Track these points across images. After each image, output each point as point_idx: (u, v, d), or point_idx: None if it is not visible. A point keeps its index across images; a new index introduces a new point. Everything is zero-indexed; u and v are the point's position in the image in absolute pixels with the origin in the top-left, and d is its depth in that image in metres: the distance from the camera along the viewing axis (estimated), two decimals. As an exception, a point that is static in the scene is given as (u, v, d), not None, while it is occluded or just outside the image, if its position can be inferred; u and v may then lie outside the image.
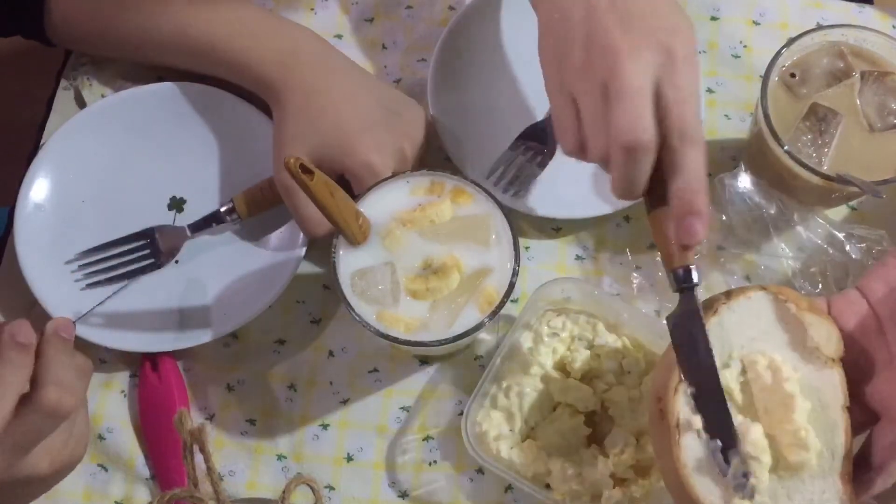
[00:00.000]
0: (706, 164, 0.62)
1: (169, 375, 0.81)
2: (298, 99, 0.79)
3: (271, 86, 0.81)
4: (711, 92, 0.90)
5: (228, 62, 0.82)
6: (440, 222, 0.73)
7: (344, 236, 0.72)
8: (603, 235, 0.86)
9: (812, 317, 0.64)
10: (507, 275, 0.71)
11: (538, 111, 0.87)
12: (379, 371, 0.82)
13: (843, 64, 0.80)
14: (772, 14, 0.93)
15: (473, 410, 0.74)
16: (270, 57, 0.81)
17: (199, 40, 0.83)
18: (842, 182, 0.75)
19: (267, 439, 0.81)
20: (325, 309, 0.84)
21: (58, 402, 0.59)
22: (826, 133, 0.78)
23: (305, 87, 0.80)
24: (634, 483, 0.73)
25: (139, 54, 0.87)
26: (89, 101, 0.89)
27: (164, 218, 0.85)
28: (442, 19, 0.93)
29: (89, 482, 0.80)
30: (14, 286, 0.82)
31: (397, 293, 0.71)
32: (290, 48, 0.82)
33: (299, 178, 0.65)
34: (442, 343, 0.70)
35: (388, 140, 0.79)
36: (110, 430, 0.81)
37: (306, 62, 0.81)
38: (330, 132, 0.78)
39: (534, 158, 0.85)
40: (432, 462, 0.80)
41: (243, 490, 0.80)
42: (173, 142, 0.86)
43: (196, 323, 0.81)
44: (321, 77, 0.81)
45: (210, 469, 0.74)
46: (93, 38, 0.86)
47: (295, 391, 0.82)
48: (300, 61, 0.81)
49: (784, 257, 0.82)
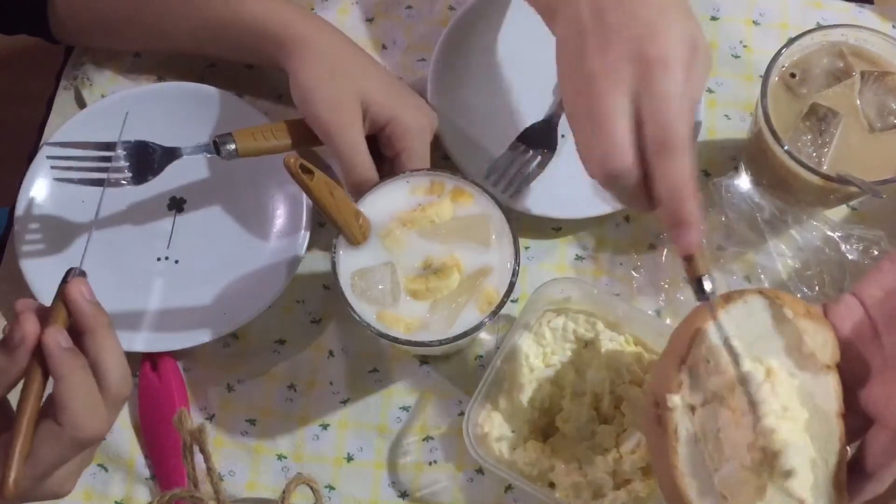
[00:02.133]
0: (692, 169, 0.60)
1: (169, 375, 0.81)
2: (326, 42, 0.78)
3: (291, 37, 0.78)
4: (711, 92, 0.90)
5: (241, 28, 0.80)
6: (440, 222, 0.73)
7: (344, 236, 0.72)
8: (603, 235, 0.86)
9: (808, 322, 0.63)
10: (507, 275, 0.71)
11: (538, 111, 0.87)
12: (379, 371, 0.82)
13: (843, 64, 0.80)
14: (772, 14, 0.93)
15: (475, 412, 0.74)
16: (284, 14, 0.79)
17: (208, 13, 0.81)
18: (841, 182, 0.75)
19: (267, 439, 0.81)
20: (325, 309, 0.84)
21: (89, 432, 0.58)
22: (826, 133, 0.78)
23: (329, 34, 0.79)
24: (640, 482, 0.73)
25: (145, 39, 0.86)
26: (89, 101, 0.89)
27: (164, 218, 0.85)
28: (442, 19, 0.93)
29: (89, 482, 0.80)
30: (14, 286, 0.82)
31: (397, 293, 0.71)
32: (300, 8, 0.81)
33: (299, 177, 0.65)
34: (442, 343, 0.70)
35: (426, 108, 0.80)
36: (110, 431, 0.81)
37: (319, 18, 0.81)
38: (373, 75, 0.77)
39: (534, 158, 0.85)
40: (433, 462, 0.80)
41: (243, 490, 0.80)
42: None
43: (196, 323, 0.81)
44: (338, 32, 0.80)
45: (210, 469, 0.74)
46: (97, 28, 0.86)
47: (295, 391, 0.82)
48: (310, 15, 0.80)
49: (784, 257, 0.82)
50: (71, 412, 0.57)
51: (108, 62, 0.91)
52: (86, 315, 0.60)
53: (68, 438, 0.58)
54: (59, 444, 0.58)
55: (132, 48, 0.90)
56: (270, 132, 0.78)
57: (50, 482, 0.60)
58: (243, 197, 0.86)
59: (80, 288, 0.61)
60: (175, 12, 0.82)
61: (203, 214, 0.85)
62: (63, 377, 0.58)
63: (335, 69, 0.77)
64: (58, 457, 0.58)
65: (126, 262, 0.84)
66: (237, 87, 0.87)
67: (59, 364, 0.58)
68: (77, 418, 0.58)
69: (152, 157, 0.78)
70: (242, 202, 0.86)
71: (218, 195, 0.86)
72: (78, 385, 0.58)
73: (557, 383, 0.77)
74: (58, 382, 0.58)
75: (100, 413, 0.59)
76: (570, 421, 0.75)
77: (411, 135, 0.77)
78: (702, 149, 0.87)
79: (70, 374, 0.58)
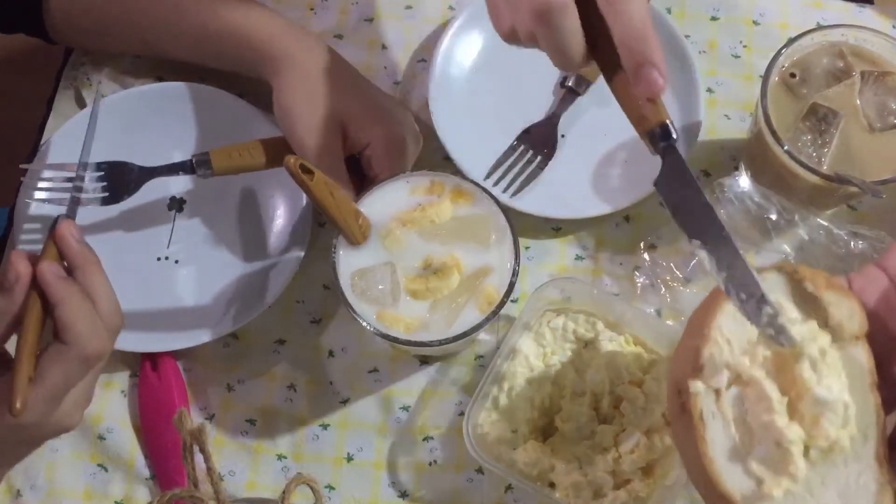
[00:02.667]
0: (649, 12, 0.58)
1: (169, 375, 0.81)
2: (310, 61, 0.78)
3: (274, 54, 0.79)
4: (711, 92, 0.90)
5: (226, 38, 0.81)
6: (440, 222, 0.73)
7: (344, 236, 0.72)
8: (603, 235, 0.86)
9: (832, 294, 0.61)
10: (507, 275, 0.71)
11: (538, 111, 0.88)
12: (379, 371, 0.82)
13: (843, 64, 0.80)
14: (772, 14, 0.93)
15: (474, 412, 0.74)
16: (270, 27, 0.80)
17: (195, 20, 0.81)
18: (842, 182, 0.75)
19: (267, 439, 0.81)
20: (325, 309, 0.84)
21: (93, 348, 0.61)
22: (826, 133, 0.78)
23: (313, 52, 0.79)
24: (640, 482, 0.73)
25: (137, 44, 0.87)
26: (89, 102, 0.89)
27: (165, 218, 0.85)
28: (442, 19, 0.93)
29: (89, 482, 0.80)
30: (14, 286, 0.82)
31: (397, 293, 0.71)
32: (286, 22, 0.81)
33: (299, 177, 0.65)
34: (442, 343, 0.70)
35: (410, 123, 0.79)
36: (110, 430, 0.81)
37: (305, 33, 0.81)
38: (355, 96, 0.78)
39: (534, 158, 0.85)
40: (432, 462, 0.80)
41: (243, 490, 0.80)
42: (173, 141, 0.86)
43: (196, 323, 0.81)
44: (323, 49, 0.80)
45: (210, 469, 0.74)
46: (90, 31, 0.86)
47: (295, 391, 0.82)
48: (298, 33, 0.80)
49: (786, 255, 0.82)
50: (75, 330, 0.61)
51: (107, 62, 0.91)
52: (75, 252, 0.64)
53: (74, 355, 0.61)
54: (66, 361, 0.61)
55: (125, 51, 0.90)
56: (247, 151, 0.79)
57: (59, 412, 0.63)
58: (243, 197, 0.86)
59: (70, 228, 0.65)
60: (165, 21, 0.83)
61: (203, 214, 0.85)
62: (62, 300, 0.61)
63: (316, 90, 0.77)
64: (65, 375, 0.61)
65: (126, 262, 0.84)
66: (237, 87, 0.87)
67: (57, 290, 0.61)
68: (81, 334, 0.61)
69: (128, 176, 0.79)
70: (242, 202, 0.86)
71: (218, 195, 0.86)
72: (78, 306, 0.62)
73: (557, 383, 0.77)
74: (58, 307, 0.61)
75: (101, 331, 0.63)
76: (569, 421, 0.75)
77: (390, 156, 0.77)
78: (702, 149, 0.87)
79: (69, 297, 0.61)
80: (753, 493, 0.57)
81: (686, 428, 0.59)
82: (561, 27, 0.58)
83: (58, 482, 0.79)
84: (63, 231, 0.64)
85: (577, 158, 0.86)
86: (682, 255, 0.83)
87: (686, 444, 0.60)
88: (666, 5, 0.93)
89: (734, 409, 0.59)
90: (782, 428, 0.57)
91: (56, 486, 0.79)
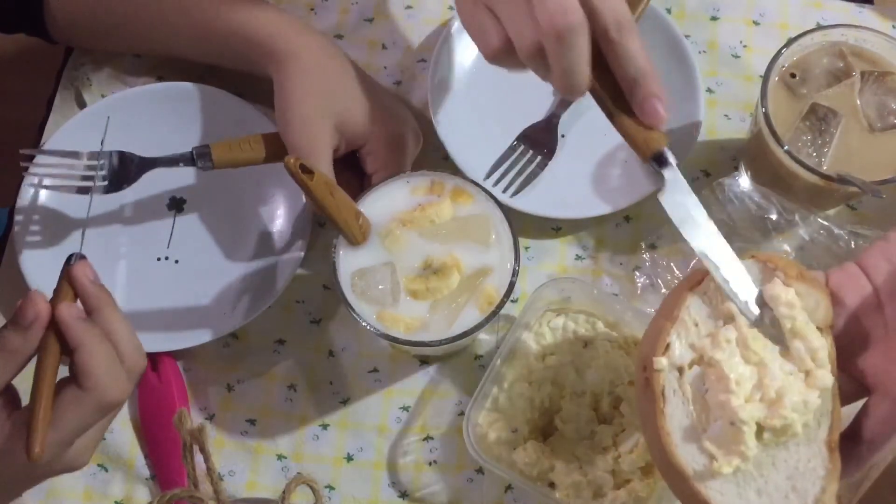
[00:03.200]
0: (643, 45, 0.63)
1: (169, 375, 0.81)
2: (312, 57, 0.78)
3: (277, 50, 0.79)
4: (711, 92, 0.90)
5: (229, 35, 0.81)
6: (440, 222, 0.73)
7: (344, 236, 0.72)
8: (603, 235, 0.86)
9: (800, 285, 0.63)
10: (507, 275, 0.71)
11: (538, 111, 0.87)
12: (379, 371, 0.82)
13: (843, 64, 0.80)
14: (772, 14, 0.93)
15: (474, 412, 0.74)
16: (274, 24, 0.80)
17: (198, 18, 0.81)
18: (842, 182, 0.75)
19: (267, 439, 0.81)
20: (325, 309, 0.84)
21: (112, 397, 0.60)
22: (826, 133, 0.78)
23: (313, 49, 0.79)
24: (640, 482, 0.73)
25: (138, 43, 0.87)
26: (89, 102, 0.89)
27: (165, 218, 0.85)
28: (442, 19, 0.93)
29: (89, 482, 0.80)
30: (14, 286, 0.82)
31: (397, 293, 0.71)
32: (289, 19, 0.81)
33: (299, 177, 0.65)
34: (442, 343, 0.70)
35: (411, 122, 0.79)
36: (110, 430, 0.81)
37: (309, 30, 0.81)
38: (355, 93, 0.78)
39: (534, 158, 0.85)
40: (432, 462, 0.80)
41: (243, 490, 0.80)
42: (173, 141, 0.86)
43: (196, 323, 0.81)
44: (327, 44, 0.80)
45: (210, 469, 0.74)
46: (91, 31, 0.86)
47: (295, 391, 0.82)
48: (301, 29, 0.81)
49: (787, 255, 0.82)
50: (94, 377, 0.60)
51: (108, 62, 0.91)
52: (91, 295, 0.63)
53: (93, 402, 0.60)
54: (83, 408, 0.60)
55: (127, 50, 0.90)
56: (248, 144, 0.79)
57: (69, 453, 0.62)
58: (243, 197, 0.86)
59: (84, 270, 0.63)
60: (168, 18, 0.83)
61: (203, 214, 0.85)
62: (82, 345, 0.60)
63: (314, 88, 0.77)
64: (81, 421, 0.61)
65: (126, 262, 0.84)
66: (237, 87, 0.87)
67: (77, 333, 0.60)
68: (100, 381, 0.60)
69: (129, 166, 0.79)
70: (242, 202, 0.86)
71: (218, 195, 0.86)
72: (97, 350, 0.60)
73: (557, 383, 0.77)
74: (77, 351, 0.60)
75: (120, 377, 0.61)
76: (569, 421, 0.75)
77: (390, 153, 0.78)
78: (702, 149, 0.87)
79: (89, 342, 0.60)
80: (705, 469, 0.59)
81: (648, 402, 0.61)
82: (577, 48, 0.60)
83: (58, 482, 0.79)
84: (77, 273, 0.62)
85: (577, 158, 0.86)
86: (682, 255, 0.83)
87: (647, 418, 0.62)
88: (666, 5, 0.93)
89: (694, 388, 0.62)
90: (736, 408, 0.59)
91: (56, 486, 0.79)
